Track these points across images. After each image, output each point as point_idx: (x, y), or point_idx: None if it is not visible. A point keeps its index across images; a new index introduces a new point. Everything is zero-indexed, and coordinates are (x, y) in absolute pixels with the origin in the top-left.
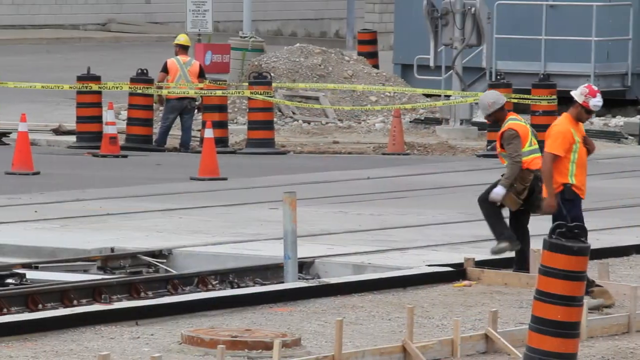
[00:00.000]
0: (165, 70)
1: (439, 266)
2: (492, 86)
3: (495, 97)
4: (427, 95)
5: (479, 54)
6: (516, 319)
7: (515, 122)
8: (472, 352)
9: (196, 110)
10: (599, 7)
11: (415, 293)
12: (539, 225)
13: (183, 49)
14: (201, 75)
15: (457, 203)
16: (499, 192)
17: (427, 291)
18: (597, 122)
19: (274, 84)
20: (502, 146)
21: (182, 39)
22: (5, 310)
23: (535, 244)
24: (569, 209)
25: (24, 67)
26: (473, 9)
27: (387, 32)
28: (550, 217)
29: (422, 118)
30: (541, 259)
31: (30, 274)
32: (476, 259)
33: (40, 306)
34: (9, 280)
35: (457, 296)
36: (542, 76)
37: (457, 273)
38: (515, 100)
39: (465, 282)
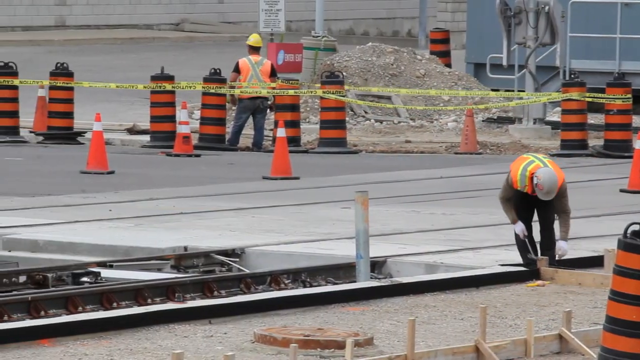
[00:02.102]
0: (237, 70)
1: (512, 266)
2: (566, 85)
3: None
4: (496, 91)
5: (553, 52)
6: (590, 319)
7: None
8: (545, 352)
9: (269, 110)
10: None
11: (488, 293)
12: (613, 225)
13: (253, 49)
14: (273, 74)
15: None
16: (566, 247)
17: (500, 291)
18: None
19: (346, 84)
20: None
21: (252, 39)
22: (80, 308)
23: (610, 244)
24: None
25: (99, 67)
26: (547, 8)
27: (459, 31)
28: (624, 216)
29: (495, 117)
30: (616, 259)
31: (105, 273)
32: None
33: (114, 304)
34: (84, 279)
35: (530, 296)
36: (616, 75)
37: (530, 273)
38: (589, 100)
39: (539, 282)
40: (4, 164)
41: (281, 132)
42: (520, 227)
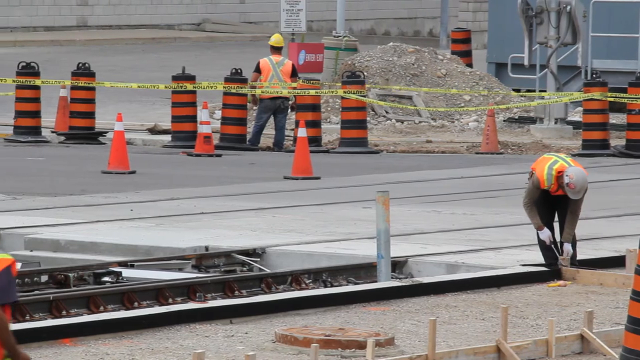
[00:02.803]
0: (258, 70)
1: (533, 266)
2: (587, 85)
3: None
4: (517, 91)
5: (574, 52)
6: (612, 319)
7: None
8: (567, 352)
9: (290, 110)
10: None
11: (509, 293)
12: (635, 225)
13: (275, 49)
14: (294, 74)
15: None
16: (571, 250)
17: (521, 291)
18: None
19: (367, 84)
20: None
21: (273, 39)
22: (102, 307)
23: (632, 244)
24: None
25: (120, 67)
26: (568, 7)
27: (481, 30)
28: None
29: (516, 117)
30: (637, 259)
31: (126, 272)
32: (578, 259)
33: (136, 304)
34: (106, 279)
35: (552, 296)
36: (638, 74)
37: (551, 273)
38: (611, 99)
39: (560, 282)
40: (26, 164)
41: (302, 132)
42: (546, 233)
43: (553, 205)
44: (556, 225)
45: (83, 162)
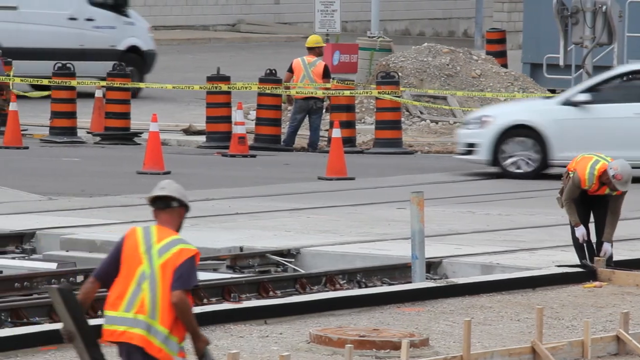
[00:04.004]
0: (290, 70)
1: (569, 267)
2: None
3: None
4: (553, 91)
5: (610, 52)
6: None
7: None
8: (602, 353)
9: (324, 110)
10: None
11: (544, 294)
12: None
13: (310, 50)
14: (326, 75)
15: None
16: (610, 249)
17: (557, 292)
18: None
19: (401, 85)
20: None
21: (308, 40)
22: None
23: None
24: None
25: (155, 68)
26: (604, 7)
27: (515, 31)
28: None
29: None
30: None
31: None
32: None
33: None
34: None
35: (587, 297)
36: None
37: (587, 274)
38: None
39: (596, 283)
40: (62, 165)
41: (336, 133)
42: (581, 230)
43: (590, 206)
44: (591, 227)
45: (118, 162)
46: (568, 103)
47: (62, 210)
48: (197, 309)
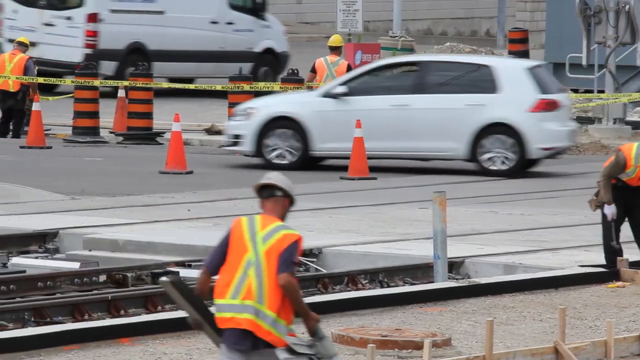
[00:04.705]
0: (313, 70)
1: (592, 267)
2: None
3: None
4: (575, 91)
5: (633, 52)
6: None
7: None
8: (625, 353)
9: None
10: None
11: (567, 294)
12: None
13: (332, 49)
14: None
15: None
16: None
17: (579, 292)
18: None
19: None
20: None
21: (330, 39)
22: (159, 307)
23: None
24: None
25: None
26: (627, 7)
27: (538, 30)
28: None
29: (575, 117)
30: None
31: (184, 272)
32: (630, 260)
33: None
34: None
35: (610, 297)
36: None
37: (610, 274)
38: None
39: (619, 283)
40: (85, 164)
41: (358, 133)
42: (612, 209)
43: (625, 208)
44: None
45: (141, 162)
46: (328, 95)
47: (85, 209)
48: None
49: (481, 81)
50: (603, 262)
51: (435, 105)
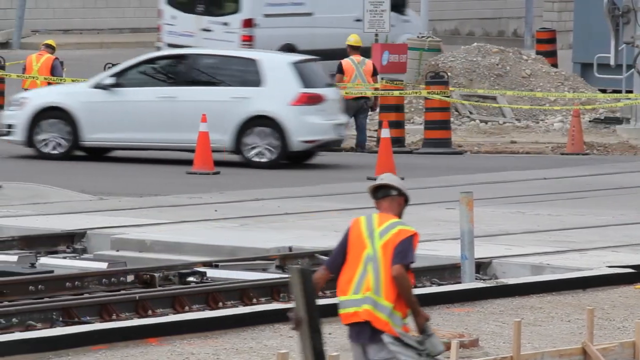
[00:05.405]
0: (340, 71)
1: (620, 267)
2: None
3: None
4: (603, 91)
5: None
6: None
7: None
8: None
9: (370, 110)
10: None
11: (595, 294)
12: None
13: (354, 49)
14: (374, 73)
15: (637, 204)
16: None
17: (608, 293)
18: None
19: (450, 85)
20: None
21: (352, 39)
22: (187, 307)
23: None
24: None
25: None
26: None
27: (566, 30)
28: None
29: (602, 117)
30: None
31: (211, 273)
32: None
33: (220, 304)
34: (191, 279)
35: (639, 298)
36: None
37: (638, 274)
38: None
39: None
40: (113, 165)
41: (385, 133)
42: None
43: None
44: None
45: (168, 162)
46: (98, 86)
47: (113, 210)
48: (245, 309)
49: (247, 75)
50: (631, 262)
51: (202, 97)
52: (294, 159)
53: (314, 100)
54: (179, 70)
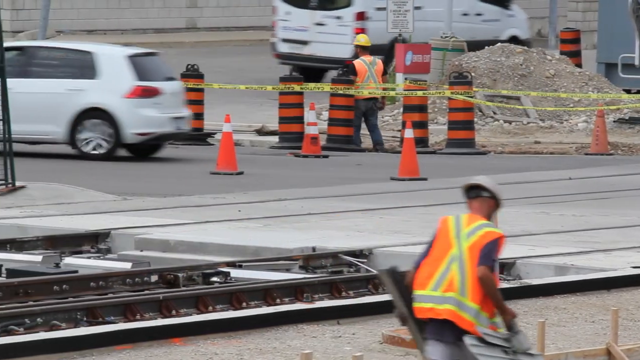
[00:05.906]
0: (354, 72)
1: None
2: None
3: None
4: (628, 91)
5: None
6: None
7: None
8: None
9: (379, 110)
10: None
11: (619, 295)
12: None
13: (364, 49)
14: (384, 73)
15: None
16: None
17: (632, 293)
18: None
19: (474, 85)
20: None
21: (362, 39)
22: (210, 307)
23: None
24: None
25: (229, 69)
26: None
27: (590, 30)
28: None
29: (627, 117)
30: None
31: (235, 273)
32: None
33: (244, 304)
34: (214, 279)
35: None
36: None
37: None
38: None
39: None
40: (136, 165)
41: (409, 133)
42: None
43: None
44: None
45: (192, 163)
46: None
47: (137, 210)
48: (269, 309)
49: (83, 67)
50: None
51: (37, 89)
52: (137, 152)
53: (149, 93)
54: (17, 62)
